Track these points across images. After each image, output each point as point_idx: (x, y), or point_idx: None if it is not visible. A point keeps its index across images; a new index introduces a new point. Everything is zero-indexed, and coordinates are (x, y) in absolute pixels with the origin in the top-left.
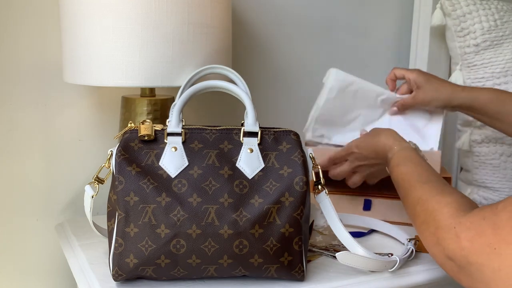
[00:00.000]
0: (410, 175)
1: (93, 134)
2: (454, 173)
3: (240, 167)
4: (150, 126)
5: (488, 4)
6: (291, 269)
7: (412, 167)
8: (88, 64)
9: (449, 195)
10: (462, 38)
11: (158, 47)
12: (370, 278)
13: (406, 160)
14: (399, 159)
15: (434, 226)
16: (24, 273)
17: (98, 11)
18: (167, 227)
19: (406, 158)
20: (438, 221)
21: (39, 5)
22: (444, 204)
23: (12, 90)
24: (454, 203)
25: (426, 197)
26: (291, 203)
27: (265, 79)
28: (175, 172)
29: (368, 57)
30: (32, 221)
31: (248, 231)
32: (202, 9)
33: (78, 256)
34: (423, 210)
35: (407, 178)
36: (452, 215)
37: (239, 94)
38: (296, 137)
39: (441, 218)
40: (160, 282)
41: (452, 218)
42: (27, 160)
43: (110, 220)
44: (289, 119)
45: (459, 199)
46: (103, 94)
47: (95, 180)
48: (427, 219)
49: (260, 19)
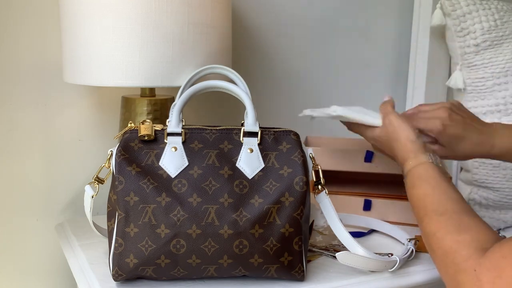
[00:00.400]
0: (425, 202)
1: (93, 134)
2: (454, 173)
3: (240, 167)
4: (150, 126)
5: (488, 4)
6: (291, 269)
7: (428, 190)
8: (88, 64)
9: (467, 232)
10: (462, 38)
11: (158, 47)
12: (370, 278)
13: (421, 181)
14: (414, 179)
15: (453, 269)
16: (24, 273)
17: (98, 11)
18: (167, 227)
19: (421, 178)
20: (457, 264)
21: (39, 5)
22: (462, 245)
23: (12, 90)
24: (473, 242)
25: (442, 234)
26: (291, 203)
27: (265, 79)
28: (175, 172)
29: (368, 57)
30: (32, 221)
31: (248, 231)
32: (202, 9)
33: (78, 256)
34: (439, 248)
35: (422, 205)
36: (471, 256)
37: (239, 94)
38: (296, 137)
39: (460, 260)
40: (160, 282)
41: (472, 259)
42: (27, 160)
43: (110, 220)
44: (289, 119)
45: (477, 236)
46: (103, 94)
47: (95, 180)
48: (445, 260)
49: (260, 19)
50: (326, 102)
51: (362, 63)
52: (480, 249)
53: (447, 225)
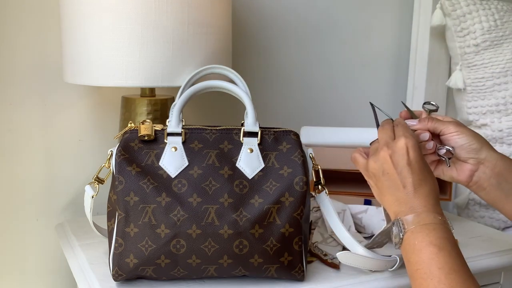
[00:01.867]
0: (429, 278)
1: (93, 134)
2: None
3: (240, 167)
4: (150, 126)
5: (488, 4)
6: (291, 269)
7: (446, 258)
8: (88, 64)
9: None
10: (462, 38)
11: (158, 47)
12: (370, 278)
13: (443, 243)
14: (436, 238)
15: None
16: (24, 273)
17: (98, 11)
18: (167, 227)
19: (445, 239)
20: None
21: (39, 5)
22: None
23: (12, 90)
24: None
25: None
26: (291, 203)
27: (265, 79)
28: (175, 172)
29: (368, 57)
30: (32, 221)
31: (248, 231)
32: (202, 9)
33: (78, 256)
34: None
35: (428, 278)
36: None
37: (239, 94)
38: (296, 137)
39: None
40: (160, 282)
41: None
42: (27, 160)
43: (110, 220)
44: (289, 119)
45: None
46: (103, 94)
47: (95, 180)
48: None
49: (260, 19)
50: (326, 102)
51: (362, 63)
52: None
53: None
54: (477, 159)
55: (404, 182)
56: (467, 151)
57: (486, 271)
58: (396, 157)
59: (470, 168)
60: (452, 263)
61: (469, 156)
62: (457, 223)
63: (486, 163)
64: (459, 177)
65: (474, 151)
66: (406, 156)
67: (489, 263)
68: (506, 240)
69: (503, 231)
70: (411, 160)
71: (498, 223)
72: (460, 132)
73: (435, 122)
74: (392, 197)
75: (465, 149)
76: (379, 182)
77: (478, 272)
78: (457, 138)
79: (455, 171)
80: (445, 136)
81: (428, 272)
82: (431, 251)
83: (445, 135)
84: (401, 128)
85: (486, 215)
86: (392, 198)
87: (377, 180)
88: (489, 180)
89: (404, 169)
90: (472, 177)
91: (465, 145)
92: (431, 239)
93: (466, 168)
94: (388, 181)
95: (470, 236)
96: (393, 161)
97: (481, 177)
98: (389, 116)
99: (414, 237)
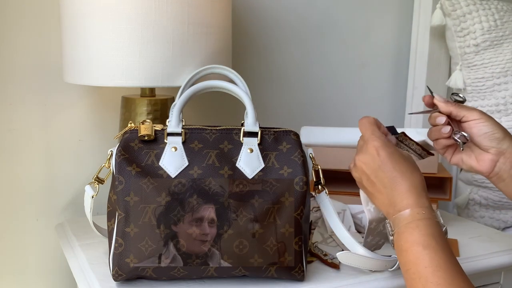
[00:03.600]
0: (418, 278)
1: (93, 134)
2: (454, 173)
3: (240, 167)
4: (150, 126)
5: (488, 4)
6: (291, 269)
7: (431, 255)
8: (88, 64)
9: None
10: (462, 38)
11: (158, 47)
12: (370, 278)
13: (427, 241)
14: (419, 236)
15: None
16: (24, 273)
17: (98, 11)
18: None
19: (429, 236)
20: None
21: (40, 5)
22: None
23: (12, 90)
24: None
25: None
26: (291, 203)
27: (265, 79)
28: (175, 172)
29: (368, 57)
30: (32, 221)
31: (248, 231)
32: (202, 9)
33: (78, 256)
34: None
35: (416, 278)
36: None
37: (239, 94)
38: (296, 137)
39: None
40: (160, 282)
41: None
42: (27, 160)
43: (110, 220)
44: (289, 119)
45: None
46: (103, 94)
47: (95, 180)
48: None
49: (260, 19)
50: (326, 102)
51: (363, 63)
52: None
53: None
54: (498, 149)
55: (383, 183)
56: (490, 140)
57: (486, 271)
58: (369, 162)
59: (491, 158)
60: (438, 260)
61: (491, 145)
62: (457, 223)
63: (507, 154)
64: (480, 167)
65: (496, 140)
66: (377, 157)
67: (489, 263)
68: (506, 240)
69: (503, 231)
70: (383, 160)
71: (498, 223)
72: (484, 120)
73: (459, 107)
74: (379, 201)
75: (488, 137)
76: (365, 189)
77: (478, 272)
78: (482, 126)
79: (475, 161)
80: (468, 123)
81: (416, 272)
82: (416, 251)
83: (468, 121)
84: (364, 129)
85: (486, 215)
86: (379, 202)
87: (363, 187)
88: (509, 171)
89: (378, 171)
90: (493, 168)
91: (488, 133)
92: (414, 238)
93: (487, 158)
94: (370, 186)
95: (470, 236)
96: (367, 167)
97: (501, 168)
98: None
99: (400, 238)
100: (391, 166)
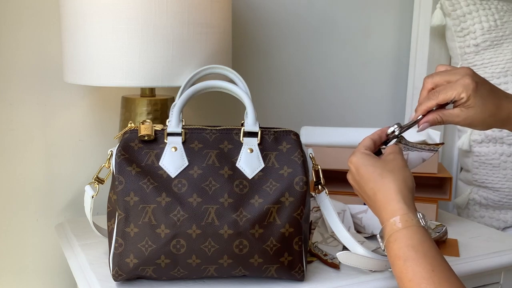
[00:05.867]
0: (409, 280)
1: (93, 134)
2: (454, 173)
3: (240, 167)
4: (150, 126)
5: (488, 4)
6: (291, 269)
7: (413, 267)
8: (88, 64)
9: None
10: (462, 38)
11: (158, 47)
12: (370, 278)
13: (406, 253)
14: (398, 249)
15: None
16: (24, 273)
17: (98, 11)
18: (167, 227)
19: (408, 247)
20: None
21: (40, 5)
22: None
23: (13, 90)
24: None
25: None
26: (291, 203)
27: (265, 79)
28: (175, 172)
29: (368, 57)
30: (32, 221)
31: (248, 231)
32: (202, 9)
33: (78, 256)
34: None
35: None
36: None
37: (239, 94)
38: (296, 137)
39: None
40: (160, 282)
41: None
42: (27, 160)
43: (110, 220)
44: (289, 119)
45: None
46: (103, 94)
47: (95, 180)
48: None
49: (260, 19)
50: (326, 102)
51: (362, 63)
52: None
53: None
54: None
55: (367, 196)
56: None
57: (486, 271)
58: (353, 179)
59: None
60: (420, 272)
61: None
62: (457, 223)
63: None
64: (483, 114)
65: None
66: (356, 172)
67: (489, 263)
68: (506, 240)
69: (503, 231)
70: (361, 174)
71: (498, 223)
72: (469, 116)
73: (442, 114)
74: (374, 213)
75: None
76: (365, 202)
77: (478, 272)
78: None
79: (472, 110)
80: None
81: (403, 286)
82: (399, 265)
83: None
84: None
85: (486, 215)
86: (375, 214)
87: (363, 200)
88: None
89: (361, 186)
90: (501, 110)
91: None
92: (395, 252)
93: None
94: (365, 200)
95: (470, 236)
96: (353, 182)
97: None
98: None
99: (387, 252)
100: (367, 178)
